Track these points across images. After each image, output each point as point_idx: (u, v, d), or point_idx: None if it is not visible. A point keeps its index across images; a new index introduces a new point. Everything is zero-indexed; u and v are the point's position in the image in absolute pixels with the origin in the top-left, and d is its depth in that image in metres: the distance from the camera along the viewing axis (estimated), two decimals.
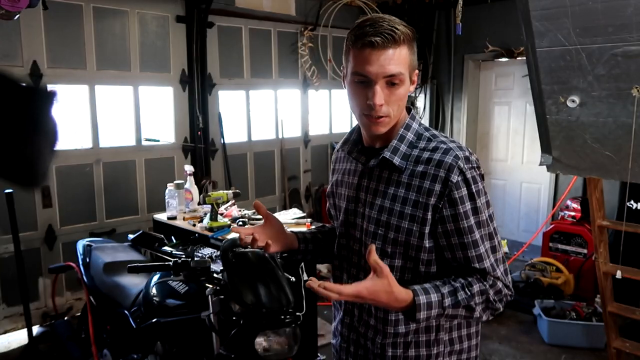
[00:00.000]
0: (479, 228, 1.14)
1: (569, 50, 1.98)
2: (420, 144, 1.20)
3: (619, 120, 2.06)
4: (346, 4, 5.04)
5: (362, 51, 1.11)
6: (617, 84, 1.97)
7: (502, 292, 1.17)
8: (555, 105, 2.17)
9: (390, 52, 1.10)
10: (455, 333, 1.25)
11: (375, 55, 1.10)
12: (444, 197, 1.13)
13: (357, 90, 1.16)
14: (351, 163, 1.33)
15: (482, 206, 1.15)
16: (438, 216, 1.15)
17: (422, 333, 1.23)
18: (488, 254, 1.15)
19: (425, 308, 1.08)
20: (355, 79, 1.15)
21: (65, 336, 2.98)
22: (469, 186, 1.13)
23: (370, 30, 1.10)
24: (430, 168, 1.15)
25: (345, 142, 1.35)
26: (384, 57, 1.10)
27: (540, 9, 1.95)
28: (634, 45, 1.84)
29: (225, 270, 1.74)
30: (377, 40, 1.09)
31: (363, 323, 1.29)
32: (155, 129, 4.13)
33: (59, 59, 3.51)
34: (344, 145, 1.36)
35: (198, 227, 2.83)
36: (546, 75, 2.11)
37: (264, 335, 1.65)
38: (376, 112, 1.14)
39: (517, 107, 5.26)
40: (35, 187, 2.75)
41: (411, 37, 1.13)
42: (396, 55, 1.11)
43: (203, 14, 4.13)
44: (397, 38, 1.10)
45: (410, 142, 1.21)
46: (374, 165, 1.23)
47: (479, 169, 1.17)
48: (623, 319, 2.99)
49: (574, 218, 4.28)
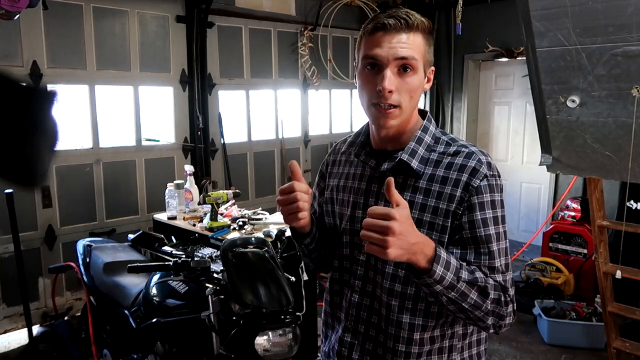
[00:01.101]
0: (497, 240, 1.07)
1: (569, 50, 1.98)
2: (438, 148, 1.13)
3: (619, 120, 2.06)
4: (346, 4, 5.04)
5: (374, 35, 1.06)
6: (617, 84, 1.97)
7: (509, 307, 1.08)
8: (555, 105, 2.17)
9: (404, 36, 1.04)
10: (466, 353, 1.19)
11: (387, 38, 1.05)
12: (464, 203, 1.06)
13: (367, 77, 1.08)
14: (357, 167, 1.23)
15: (501, 217, 1.09)
16: (457, 223, 1.07)
17: (435, 355, 1.14)
18: (502, 269, 1.07)
19: (443, 264, 0.96)
20: (366, 63, 1.08)
21: (65, 336, 2.98)
22: (492, 193, 1.07)
23: (384, 15, 1.06)
24: (452, 172, 1.08)
25: (351, 144, 1.26)
26: (396, 40, 1.04)
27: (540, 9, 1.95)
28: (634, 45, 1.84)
29: (225, 270, 1.74)
30: (390, 22, 1.04)
31: (370, 339, 1.18)
32: (155, 129, 4.13)
33: (59, 59, 3.51)
34: (349, 148, 1.27)
35: (198, 227, 2.83)
36: (546, 75, 2.11)
37: (264, 335, 1.65)
38: (386, 100, 1.05)
39: (517, 107, 5.26)
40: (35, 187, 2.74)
41: (428, 28, 1.08)
42: (410, 39, 1.05)
43: (203, 14, 4.13)
44: (411, 23, 1.04)
45: (429, 145, 1.13)
46: (387, 169, 1.12)
47: (500, 178, 1.11)
48: (623, 319, 2.99)
49: (574, 218, 4.28)
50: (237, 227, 2.79)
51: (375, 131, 1.18)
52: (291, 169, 1.16)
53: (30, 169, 0.91)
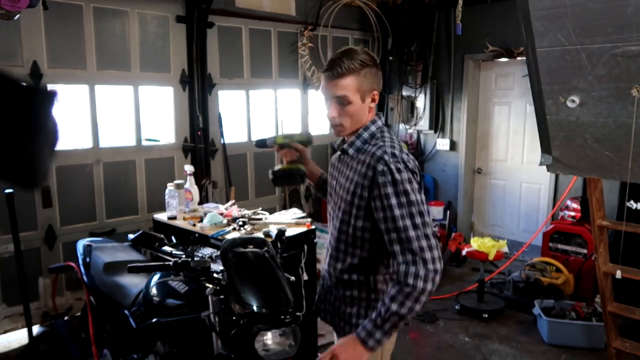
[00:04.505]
0: (400, 207, 1.48)
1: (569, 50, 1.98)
2: (372, 141, 1.63)
3: (619, 120, 2.06)
4: (346, 4, 5.04)
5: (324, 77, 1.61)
6: (617, 84, 1.97)
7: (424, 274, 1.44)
8: (555, 105, 2.17)
9: (337, 81, 1.56)
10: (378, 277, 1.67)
11: (328, 82, 1.59)
12: (373, 181, 1.53)
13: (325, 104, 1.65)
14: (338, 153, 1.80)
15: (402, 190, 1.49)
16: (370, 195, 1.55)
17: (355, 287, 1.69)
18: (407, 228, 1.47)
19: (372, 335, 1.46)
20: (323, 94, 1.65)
21: (65, 336, 2.98)
22: (392, 174, 1.50)
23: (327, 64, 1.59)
24: (367, 157, 1.59)
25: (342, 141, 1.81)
26: (332, 85, 1.58)
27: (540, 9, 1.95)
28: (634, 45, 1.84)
29: (225, 270, 1.74)
30: (327, 73, 1.58)
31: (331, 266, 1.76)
32: (155, 129, 4.13)
33: (59, 59, 3.51)
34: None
35: (198, 227, 2.83)
36: (546, 75, 2.11)
37: (264, 335, 1.65)
38: (331, 122, 1.65)
39: (517, 107, 5.26)
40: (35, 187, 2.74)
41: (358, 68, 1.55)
42: (341, 83, 1.56)
43: (203, 14, 4.13)
44: (340, 72, 1.55)
45: (365, 139, 1.65)
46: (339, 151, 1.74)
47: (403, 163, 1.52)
48: (623, 319, 2.99)
49: (574, 218, 4.28)
50: (237, 227, 2.79)
51: None
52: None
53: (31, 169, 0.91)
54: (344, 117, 1.61)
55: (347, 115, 1.60)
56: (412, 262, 1.45)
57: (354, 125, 1.64)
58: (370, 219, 1.57)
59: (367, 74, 1.58)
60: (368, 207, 1.56)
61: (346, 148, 1.66)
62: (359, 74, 1.56)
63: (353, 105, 1.58)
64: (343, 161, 1.70)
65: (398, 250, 1.48)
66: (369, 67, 1.58)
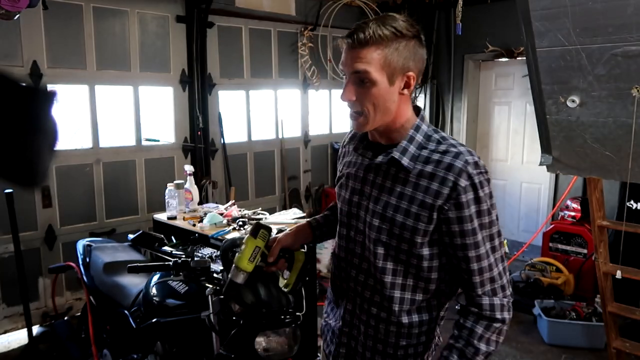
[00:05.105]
0: (481, 230, 1.19)
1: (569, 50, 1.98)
2: (429, 145, 1.23)
3: (619, 120, 2.06)
4: (346, 4, 5.04)
5: (343, 49, 1.20)
6: (617, 84, 1.97)
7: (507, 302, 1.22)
8: (555, 105, 2.17)
9: (359, 51, 1.15)
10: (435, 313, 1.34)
11: (347, 53, 1.18)
12: (450, 200, 1.16)
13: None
14: (357, 157, 1.36)
15: (486, 210, 1.19)
16: (443, 217, 1.18)
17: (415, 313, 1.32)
18: (488, 254, 1.20)
19: None
20: (342, 72, 1.23)
21: (65, 336, 2.98)
22: (475, 190, 1.17)
23: (351, 29, 1.17)
24: (440, 170, 1.18)
25: (352, 137, 1.42)
26: (352, 56, 1.16)
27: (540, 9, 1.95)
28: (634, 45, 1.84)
29: (225, 270, 1.74)
30: (348, 40, 1.17)
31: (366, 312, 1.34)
32: (155, 129, 4.13)
33: (59, 59, 3.51)
34: (350, 141, 1.42)
35: (198, 227, 2.83)
36: (546, 75, 2.11)
37: (264, 335, 1.65)
38: (350, 108, 1.23)
39: (517, 107, 5.26)
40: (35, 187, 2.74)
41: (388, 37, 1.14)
42: (363, 54, 1.15)
43: (203, 14, 4.13)
44: (363, 39, 1.14)
45: (420, 143, 1.23)
46: (381, 162, 1.25)
47: (487, 174, 1.20)
48: (623, 319, 2.99)
49: (574, 218, 4.28)
50: (237, 227, 2.79)
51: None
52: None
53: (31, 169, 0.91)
54: (364, 101, 1.18)
55: (369, 99, 1.18)
56: (494, 292, 1.21)
57: (380, 117, 1.21)
58: (438, 243, 1.23)
59: (402, 48, 1.16)
60: (436, 230, 1.21)
61: (397, 157, 1.21)
62: (388, 45, 1.14)
63: (377, 86, 1.16)
64: (382, 172, 1.26)
65: (478, 282, 1.20)
66: (406, 40, 1.16)
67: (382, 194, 1.25)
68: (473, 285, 1.21)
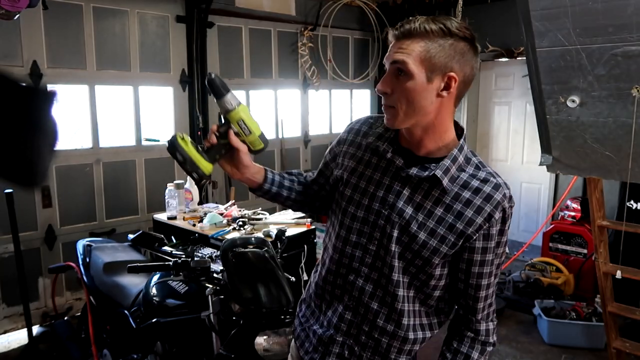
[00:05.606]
0: (496, 259, 1.20)
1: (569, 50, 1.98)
2: (468, 169, 1.18)
3: (619, 120, 2.06)
4: (346, 4, 5.04)
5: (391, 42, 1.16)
6: (617, 84, 1.97)
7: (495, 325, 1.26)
8: (555, 105, 2.17)
9: (402, 42, 1.11)
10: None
11: (392, 45, 1.14)
12: (481, 230, 1.14)
13: None
14: (378, 158, 1.25)
15: (504, 241, 1.20)
16: (468, 245, 1.16)
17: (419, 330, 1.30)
18: (493, 283, 1.22)
19: None
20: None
21: (65, 336, 2.98)
22: (504, 223, 1.17)
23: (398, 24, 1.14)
24: (478, 199, 1.14)
25: (368, 131, 1.30)
26: (396, 47, 1.12)
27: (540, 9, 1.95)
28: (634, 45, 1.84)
29: (225, 270, 1.74)
30: (395, 32, 1.13)
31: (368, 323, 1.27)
32: (155, 129, 4.13)
33: (59, 59, 3.51)
34: (366, 136, 1.30)
35: (198, 227, 2.83)
36: (546, 75, 2.11)
37: (264, 335, 1.65)
38: (383, 100, 1.16)
39: (517, 107, 5.26)
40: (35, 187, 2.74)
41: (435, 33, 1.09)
42: (406, 45, 1.10)
43: (203, 14, 4.13)
44: (407, 30, 1.10)
45: (460, 165, 1.17)
46: (416, 176, 1.16)
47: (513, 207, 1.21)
48: (623, 319, 2.99)
49: (574, 218, 4.28)
50: (237, 227, 2.79)
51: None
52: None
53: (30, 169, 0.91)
54: (398, 94, 1.12)
55: (402, 93, 1.11)
56: (489, 317, 1.24)
57: (412, 115, 1.13)
58: (450, 265, 1.21)
59: (447, 46, 1.09)
60: (455, 254, 1.18)
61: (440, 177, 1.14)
62: (433, 39, 1.09)
63: (413, 80, 1.09)
64: (414, 185, 1.18)
65: (480, 307, 1.21)
66: (454, 39, 1.10)
67: (408, 207, 1.17)
68: (475, 310, 1.21)
